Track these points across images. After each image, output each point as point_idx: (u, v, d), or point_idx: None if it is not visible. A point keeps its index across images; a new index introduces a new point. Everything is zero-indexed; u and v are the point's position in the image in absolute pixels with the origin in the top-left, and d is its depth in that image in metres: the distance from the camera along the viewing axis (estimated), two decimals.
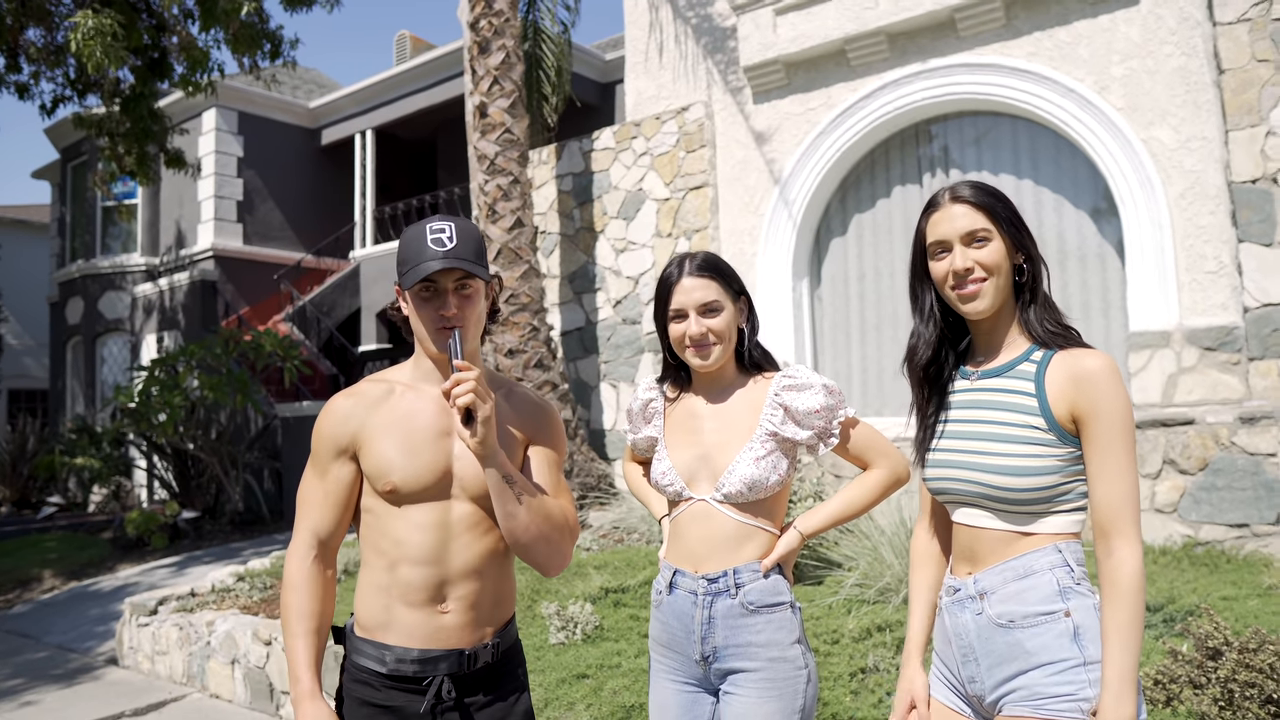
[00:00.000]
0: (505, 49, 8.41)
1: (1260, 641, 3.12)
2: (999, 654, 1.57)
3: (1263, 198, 6.20)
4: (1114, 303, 7.19)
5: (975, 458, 1.61)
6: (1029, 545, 1.58)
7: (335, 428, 1.81)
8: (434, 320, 1.75)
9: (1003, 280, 1.62)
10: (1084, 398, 1.52)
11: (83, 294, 15.94)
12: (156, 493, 13.21)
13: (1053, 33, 7.24)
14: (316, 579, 1.79)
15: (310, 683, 1.71)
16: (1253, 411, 5.79)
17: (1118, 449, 1.50)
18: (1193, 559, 5.38)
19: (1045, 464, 1.55)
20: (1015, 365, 1.62)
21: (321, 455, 1.82)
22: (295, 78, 17.07)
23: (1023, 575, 1.56)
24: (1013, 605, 1.56)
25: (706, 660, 1.89)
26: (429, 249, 1.72)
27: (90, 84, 10.62)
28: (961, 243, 1.63)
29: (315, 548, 1.80)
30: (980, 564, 1.63)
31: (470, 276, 1.76)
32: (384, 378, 1.88)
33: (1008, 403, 1.60)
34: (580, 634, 4.45)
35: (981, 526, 1.63)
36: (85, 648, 6.71)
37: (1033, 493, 1.56)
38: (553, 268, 9.83)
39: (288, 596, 1.78)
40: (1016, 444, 1.57)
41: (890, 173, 8.36)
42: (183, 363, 11.31)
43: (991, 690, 1.58)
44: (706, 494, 1.93)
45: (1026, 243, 1.63)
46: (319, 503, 1.81)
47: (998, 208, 1.62)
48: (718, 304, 1.93)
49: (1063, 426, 1.55)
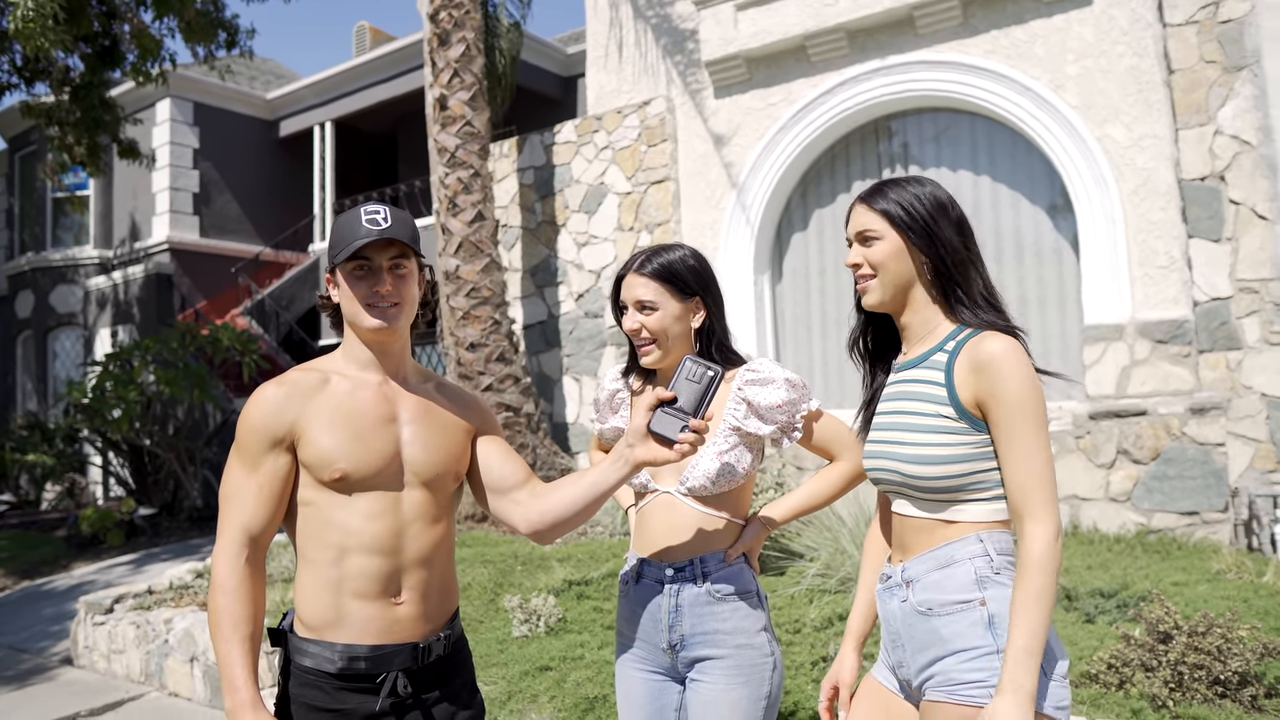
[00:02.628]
0: (465, 41, 8.35)
1: (1208, 625, 3.21)
2: (920, 640, 1.61)
3: (1211, 195, 6.36)
4: (1069, 296, 7.33)
5: (894, 448, 1.66)
6: (952, 534, 1.62)
7: (269, 418, 1.71)
8: (367, 297, 1.74)
9: (890, 278, 1.68)
10: (985, 382, 1.55)
11: (33, 287, 15.58)
12: (112, 490, 12.97)
13: (1009, 31, 7.35)
14: (249, 580, 1.68)
15: (250, 692, 1.62)
16: (1202, 403, 5.94)
17: (1022, 431, 1.53)
18: (1145, 546, 5.51)
19: (957, 452, 1.58)
20: (929, 356, 1.66)
21: (252, 447, 1.71)
22: (253, 68, 16.82)
23: (944, 564, 1.61)
24: (932, 593, 1.60)
25: (674, 648, 1.91)
26: (363, 228, 1.71)
27: (38, 72, 10.39)
28: (856, 240, 1.72)
29: (246, 546, 1.69)
30: (909, 552, 1.67)
31: (405, 256, 1.76)
32: (314, 366, 1.82)
33: (921, 393, 1.64)
34: (543, 626, 4.46)
35: (907, 515, 1.68)
36: (39, 648, 6.58)
37: (945, 480, 1.59)
38: (514, 261, 9.80)
39: (219, 600, 1.66)
40: (928, 433, 1.60)
41: (850, 168, 8.43)
42: (138, 357, 11.10)
43: (916, 674, 1.63)
44: (671, 486, 1.95)
45: (934, 242, 1.66)
46: (251, 497, 1.70)
47: (892, 210, 1.67)
48: (653, 303, 1.94)
49: (971, 413, 1.58)
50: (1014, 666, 1.46)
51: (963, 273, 1.65)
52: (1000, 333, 1.59)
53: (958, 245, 1.66)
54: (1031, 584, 1.48)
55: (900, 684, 1.71)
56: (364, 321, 1.74)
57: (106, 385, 10.73)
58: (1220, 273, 6.30)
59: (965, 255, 1.66)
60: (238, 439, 1.73)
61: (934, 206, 1.66)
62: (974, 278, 1.66)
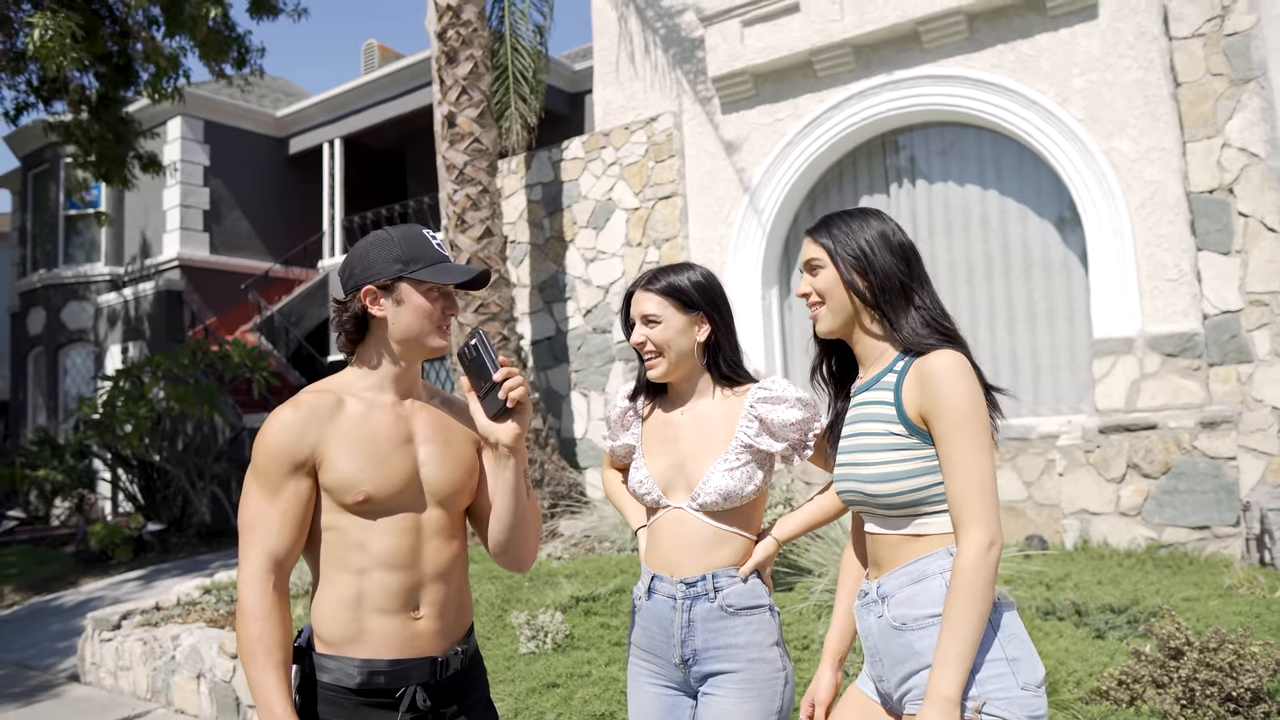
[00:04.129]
0: (473, 59, 8.41)
1: (1220, 641, 3.18)
2: (896, 655, 1.64)
3: (1220, 208, 6.34)
4: (1078, 310, 7.31)
5: (854, 469, 1.70)
6: (922, 549, 1.65)
7: (290, 443, 1.70)
8: (441, 319, 1.79)
9: (837, 305, 1.74)
10: (927, 396, 1.60)
11: (45, 304, 15.68)
12: (121, 505, 13.01)
13: (1014, 45, 7.36)
14: (278, 606, 1.67)
15: (288, 714, 1.62)
16: (1213, 416, 5.90)
17: (959, 442, 1.56)
18: (1156, 561, 5.46)
19: (910, 468, 1.62)
20: (881, 377, 1.71)
21: (273, 472, 1.70)
22: (263, 86, 16.94)
23: (916, 580, 1.63)
24: (906, 609, 1.63)
25: (686, 663, 1.92)
26: (438, 251, 1.77)
27: (55, 90, 10.49)
28: (805, 270, 1.80)
29: (273, 572, 1.68)
30: (883, 569, 1.70)
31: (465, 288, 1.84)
32: (327, 388, 1.81)
33: (874, 414, 1.69)
34: (550, 643, 4.44)
35: (877, 533, 1.71)
36: (46, 664, 6.58)
37: (901, 496, 1.63)
38: (523, 277, 9.82)
39: (251, 628, 1.65)
40: (881, 451, 1.65)
41: (858, 183, 8.44)
42: (148, 373, 11.15)
43: (895, 688, 1.66)
44: (683, 502, 1.96)
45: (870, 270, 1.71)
46: (274, 523, 1.69)
47: (829, 242, 1.75)
48: (657, 317, 1.99)
49: (919, 428, 1.62)
50: (939, 675, 1.50)
51: (904, 296, 1.70)
52: (945, 349, 1.63)
53: (896, 268, 1.71)
54: (958, 595, 1.51)
55: (882, 697, 1.73)
56: (431, 340, 1.79)
57: (117, 401, 10.78)
58: (1230, 285, 6.27)
59: (905, 278, 1.71)
60: (256, 464, 1.72)
61: (873, 235, 1.73)
62: (917, 301, 1.71)
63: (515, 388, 1.66)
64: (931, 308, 1.71)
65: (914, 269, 1.73)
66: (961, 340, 1.69)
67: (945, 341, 1.66)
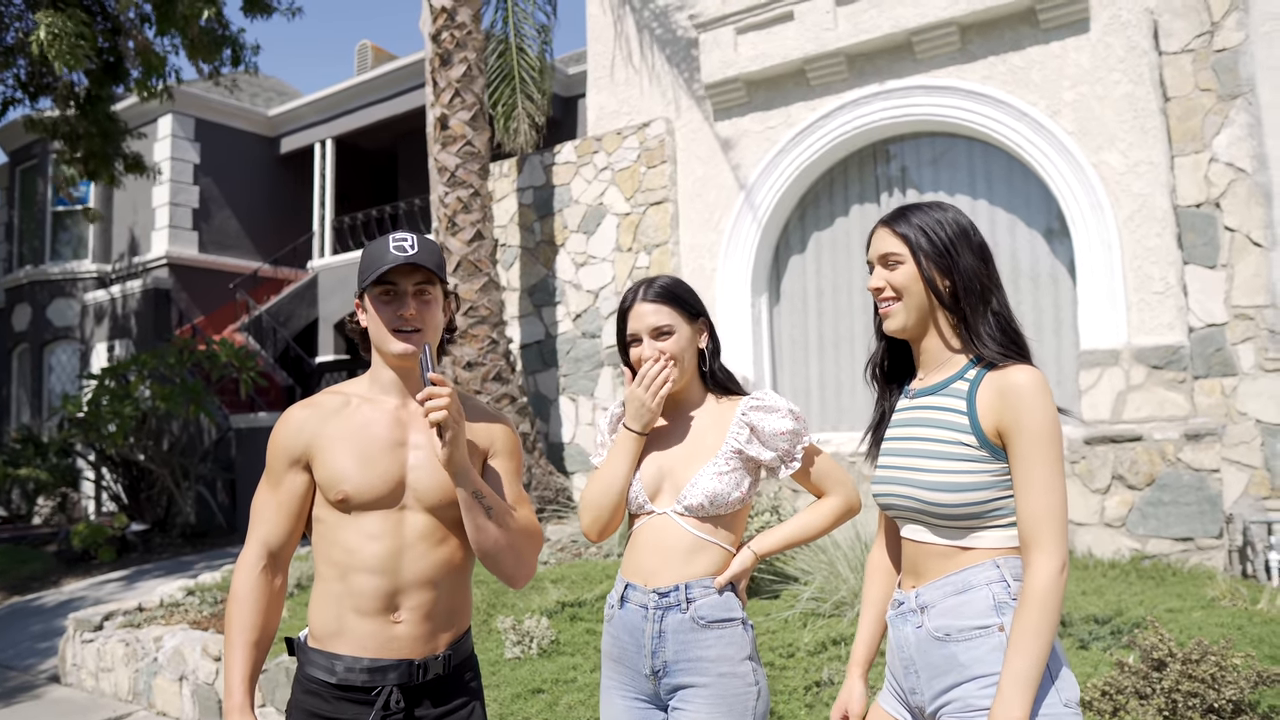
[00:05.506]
0: (467, 61, 8.40)
1: (1203, 652, 3.19)
2: (936, 666, 1.60)
3: (1206, 221, 6.39)
4: (1065, 321, 7.35)
5: (910, 474, 1.65)
6: (968, 560, 1.61)
7: (289, 438, 1.82)
8: (392, 321, 1.79)
9: (914, 302, 1.67)
10: (1009, 412, 1.56)
11: (30, 300, 15.58)
12: (105, 505, 12.92)
13: (1006, 58, 7.40)
14: (262, 591, 1.79)
15: (242, 697, 1.72)
16: (1197, 429, 5.94)
17: (1039, 463, 1.54)
18: (1140, 572, 5.49)
19: (976, 480, 1.59)
20: (950, 383, 1.67)
21: (275, 465, 1.83)
22: (255, 85, 16.90)
23: (960, 590, 1.60)
24: (949, 619, 1.59)
25: (656, 675, 1.90)
26: (390, 254, 1.77)
27: (43, 86, 10.43)
28: (879, 264, 1.72)
29: (265, 558, 1.80)
30: (922, 578, 1.66)
31: (430, 281, 1.81)
32: (341, 390, 1.90)
33: (941, 420, 1.64)
34: (536, 648, 4.43)
35: (922, 541, 1.67)
36: (26, 665, 6.53)
37: (965, 508, 1.60)
38: (512, 280, 9.82)
39: (231, 608, 1.78)
40: (948, 460, 1.61)
41: (849, 191, 8.47)
42: (134, 372, 11.09)
43: (930, 701, 1.62)
44: (668, 507, 1.95)
45: (955, 268, 1.66)
46: (271, 513, 1.82)
47: (913, 234, 1.67)
48: (669, 328, 1.97)
49: (992, 442, 1.58)
50: (1007, 697, 1.46)
51: (983, 299, 1.65)
52: (1025, 364, 1.60)
53: (978, 272, 1.66)
54: (1031, 615, 1.48)
55: (911, 711, 1.70)
56: (389, 346, 1.80)
57: (102, 400, 10.71)
58: (1215, 299, 6.32)
59: (986, 282, 1.66)
60: (267, 457, 1.86)
61: (956, 232, 1.67)
62: (994, 304, 1.66)
63: (434, 409, 1.65)
64: (1006, 313, 1.66)
65: (991, 271, 1.68)
66: (1029, 350, 1.65)
67: (1020, 353, 1.63)
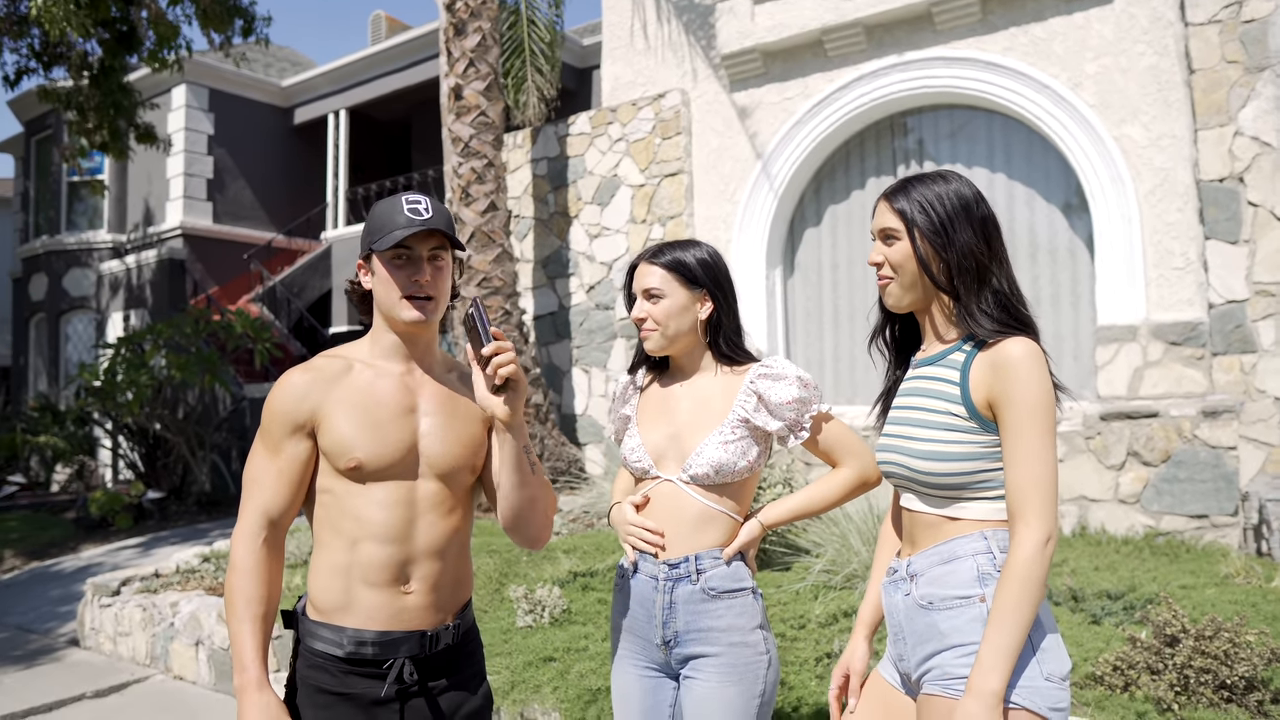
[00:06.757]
0: (481, 31, 8.34)
1: (1215, 629, 3.18)
2: (920, 634, 1.62)
3: (1229, 196, 6.30)
4: (1083, 296, 7.28)
5: (903, 442, 1.66)
6: (957, 530, 1.61)
7: (292, 404, 1.73)
8: (407, 286, 1.73)
9: (909, 279, 1.66)
10: (999, 383, 1.55)
11: (47, 270, 15.66)
12: (122, 473, 13.05)
13: (1028, 28, 7.29)
14: (265, 562, 1.70)
15: (258, 671, 1.64)
16: (1215, 405, 5.89)
17: (1028, 434, 1.52)
18: (1154, 549, 5.47)
19: (964, 450, 1.58)
20: (947, 355, 1.66)
21: (275, 432, 1.73)
22: (269, 55, 16.84)
23: (947, 560, 1.60)
24: (934, 588, 1.60)
25: (667, 645, 1.91)
26: (405, 216, 1.70)
27: (57, 56, 10.41)
28: (879, 238, 1.70)
29: (265, 528, 1.71)
30: (916, 547, 1.68)
31: (443, 247, 1.76)
32: (340, 354, 1.82)
33: (935, 390, 1.64)
34: (548, 617, 4.46)
35: (915, 510, 1.68)
36: (46, 629, 6.62)
37: (951, 477, 1.60)
38: (526, 252, 9.79)
39: (234, 580, 1.69)
40: (937, 429, 1.61)
41: (865, 164, 8.39)
42: (150, 341, 11.15)
43: (915, 668, 1.63)
44: (674, 474, 1.94)
45: (950, 245, 1.63)
46: (271, 481, 1.73)
47: (909, 210, 1.65)
48: (659, 291, 1.97)
49: (982, 413, 1.58)
50: (985, 667, 1.46)
51: (979, 278, 1.62)
52: (1021, 336, 1.57)
53: (975, 248, 1.62)
54: (1013, 588, 1.48)
55: (902, 678, 1.71)
56: (402, 313, 1.74)
57: (118, 369, 10.79)
58: (1237, 275, 6.24)
59: (984, 258, 1.63)
60: (263, 423, 1.76)
61: (954, 207, 1.64)
62: (994, 284, 1.63)
63: (504, 365, 1.63)
64: (1007, 290, 1.64)
65: (994, 247, 1.65)
66: (1034, 326, 1.62)
67: (1018, 327, 1.60)
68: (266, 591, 1.70)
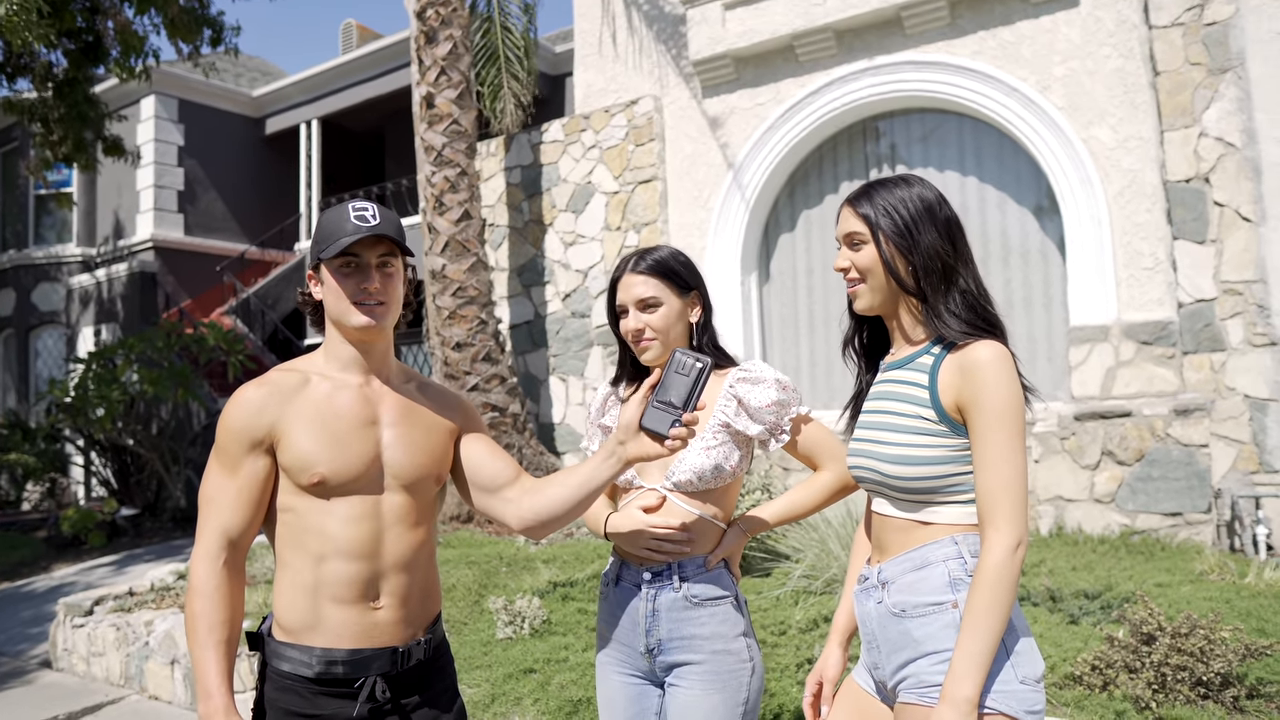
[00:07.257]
0: (453, 39, 8.32)
1: (1191, 626, 3.21)
2: (894, 642, 1.61)
3: (1196, 197, 6.38)
4: (1055, 298, 7.35)
5: (874, 446, 1.66)
6: (927, 536, 1.61)
7: (248, 420, 1.68)
8: (355, 294, 1.71)
9: (878, 282, 1.66)
10: (968, 388, 1.55)
11: (15, 285, 15.43)
12: (94, 490, 12.86)
13: (996, 32, 7.36)
14: (227, 584, 1.66)
15: (224, 698, 1.60)
16: (1186, 404, 5.95)
17: (997, 438, 1.52)
18: (1129, 547, 5.52)
19: (934, 454, 1.58)
20: (915, 358, 1.66)
21: (231, 449, 1.69)
22: (239, 65, 16.71)
23: (919, 566, 1.60)
24: (906, 595, 1.60)
25: (651, 653, 1.90)
26: (352, 224, 1.69)
27: (20, 67, 10.28)
28: (844, 243, 1.70)
29: (225, 550, 1.67)
30: (886, 553, 1.67)
31: (393, 254, 1.74)
32: (295, 367, 1.78)
33: (903, 394, 1.64)
34: (528, 628, 4.43)
35: (886, 515, 1.67)
36: (17, 650, 6.51)
37: (921, 481, 1.59)
38: (501, 260, 9.76)
39: (195, 604, 1.64)
40: (907, 434, 1.60)
41: (838, 168, 8.43)
42: (121, 356, 11.01)
43: (891, 676, 1.62)
44: (657, 483, 1.94)
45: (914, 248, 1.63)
46: (230, 501, 1.68)
47: (874, 214, 1.65)
48: (656, 300, 1.94)
49: (951, 417, 1.58)
50: (959, 674, 1.46)
51: (946, 279, 1.63)
52: (989, 339, 1.57)
53: (940, 249, 1.63)
54: (984, 594, 1.47)
55: (877, 685, 1.71)
56: (351, 319, 1.71)
57: (89, 384, 10.64)
58: (1205, 274, 6.32)
59: (949, 259, 1.63)
60: (217, 441, 1.71)
61: (918, 209, 1.64)
62: (961, 284, 1.63)
63: (685, 436, 1.61)
64: (974, 290, 1.64)
65: (959, 247, 1.65)
66: (1001, 327, 1.63)
67: (988, 330, 1.60)
68: (229, 615, 1.66)
